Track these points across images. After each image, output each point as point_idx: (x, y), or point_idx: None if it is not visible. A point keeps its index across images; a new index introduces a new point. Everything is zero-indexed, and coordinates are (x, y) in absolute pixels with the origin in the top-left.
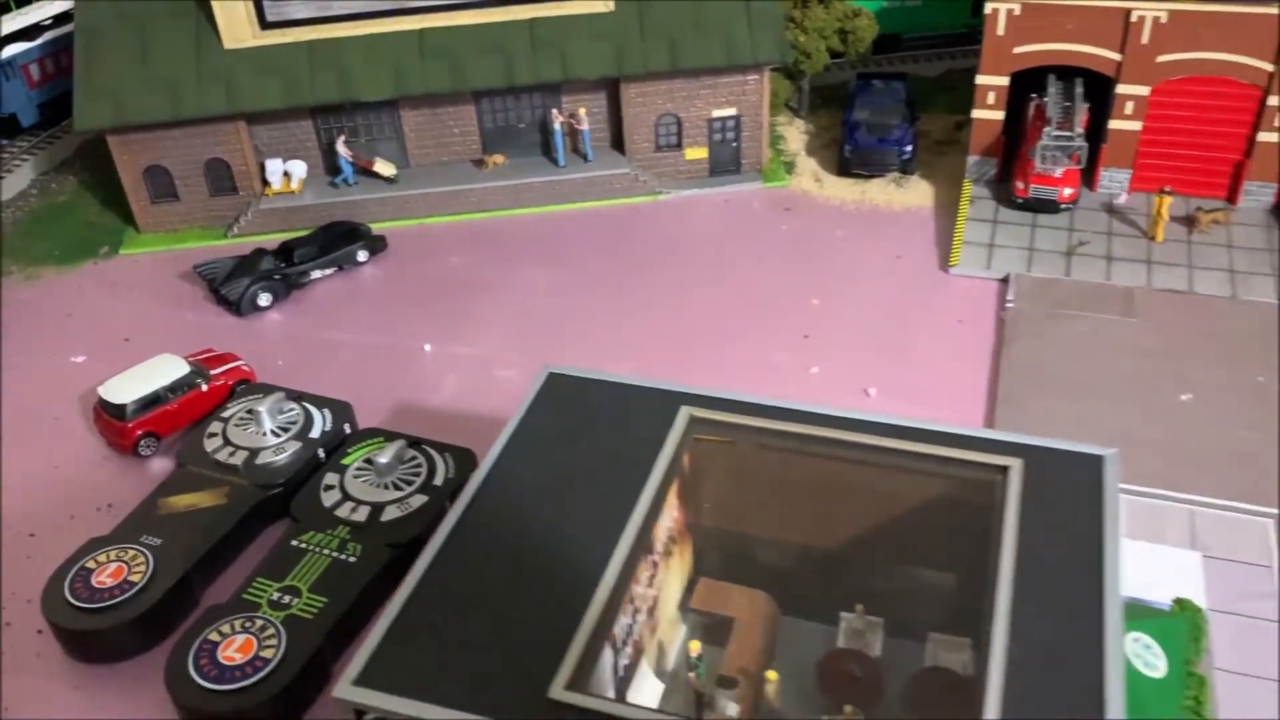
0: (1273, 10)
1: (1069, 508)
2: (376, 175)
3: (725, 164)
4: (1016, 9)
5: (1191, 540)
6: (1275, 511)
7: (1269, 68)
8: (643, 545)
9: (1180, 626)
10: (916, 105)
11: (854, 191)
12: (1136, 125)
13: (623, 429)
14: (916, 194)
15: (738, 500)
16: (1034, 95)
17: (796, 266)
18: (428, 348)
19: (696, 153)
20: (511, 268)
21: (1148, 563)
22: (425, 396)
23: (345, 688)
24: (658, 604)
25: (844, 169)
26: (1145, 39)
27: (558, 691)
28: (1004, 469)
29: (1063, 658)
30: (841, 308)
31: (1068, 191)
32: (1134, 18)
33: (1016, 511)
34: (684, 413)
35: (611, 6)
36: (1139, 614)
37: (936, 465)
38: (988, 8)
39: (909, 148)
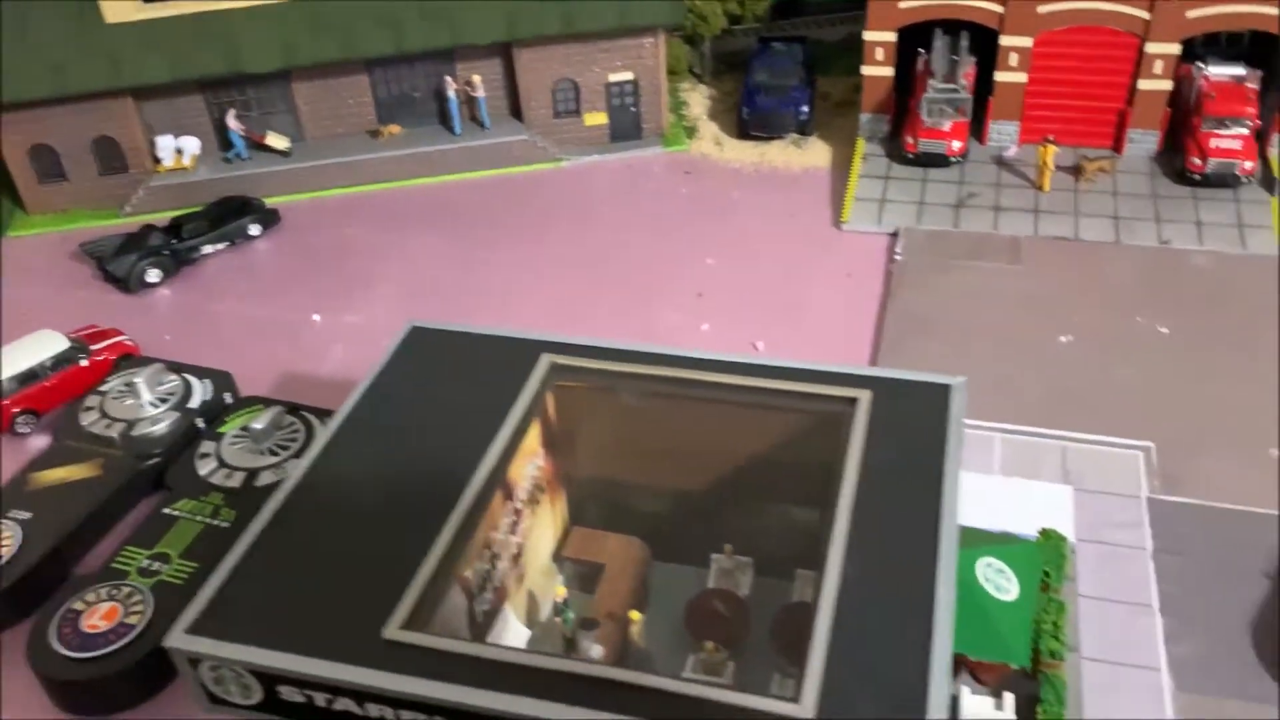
0: None
1: (914, 436)
2: (270, 149)
3: (626, 129)
4: None
5: (1064, 475)
6: (1145, 444)
7: (1145, 15)
8: (494, 489)
9: (1033, 551)
10: (816, 67)
11: (754, 154)
12: (1022, 77)
13: (482, 378)
14: (815, 154)
15: (608, 448)
16: (921, 50)
17: (694, 228)
18: (316, 318)
19: (596, 118)
20: (406, 237)
21: (1020, 498)
22: (312, 365)
23: (177, 635)
24: (525, 552)
25: (743, 132)
26: None
27: (393, 631)
28: (852, 401)
29: (895, 582)
30: (735, 267)
31: (956, 145)
32: None
33: (861, 442)
34: (544, 360)
35: None
36: (994, 541)
37: (792, 401)
38: None
39: (805, 108)
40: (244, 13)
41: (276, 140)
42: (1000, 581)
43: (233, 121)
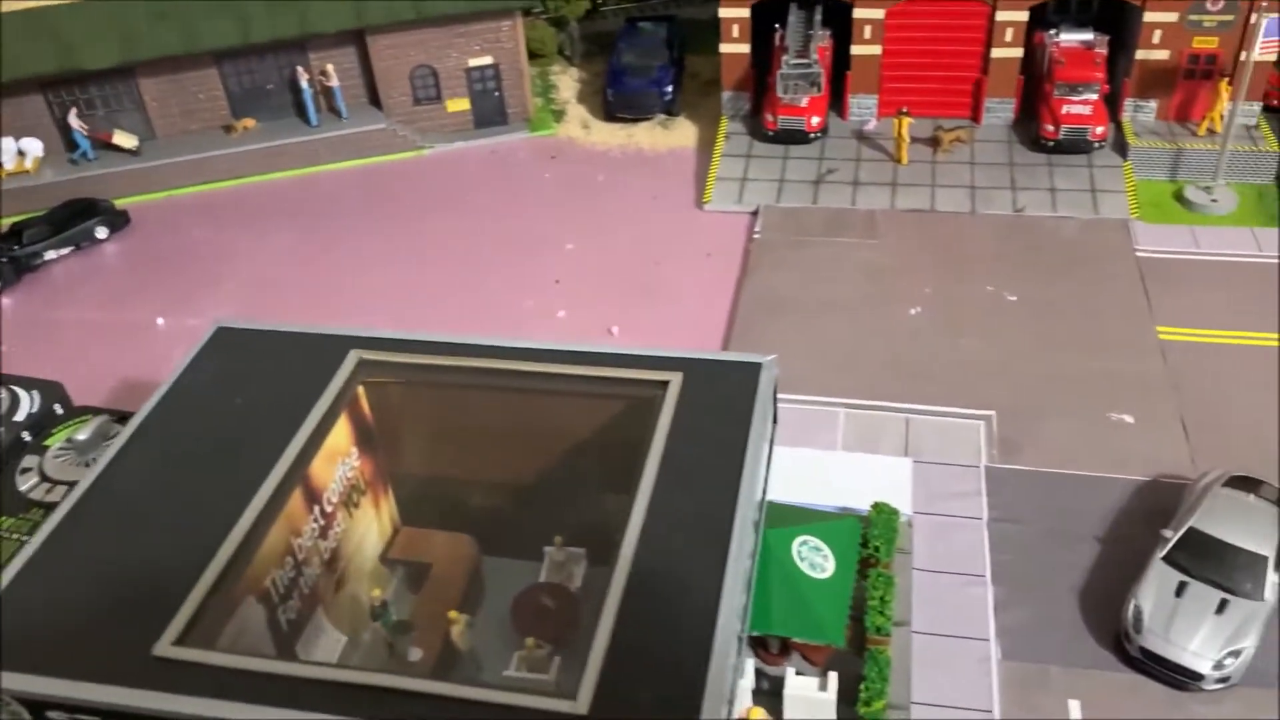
0: None
1: (721, 416)
2: (118, 148)
3: (490, 115)
4: None
5: (905, 447)
6: (987, 413)
7: None
8: (291, 492)
9: (852, 527)
10: (684, 46)
11: (620, 136)
12: (876, 50)
13: (286, 378)
14: (681, 134)
15: (433, 444)
16: (778, 25)
17: (556, 213)
18: (161, 321)
19: (458, 104)
20: (260, 234)
21: (861, 472)
22: (152, 371)
23: None
24: (342, 556)
25: (610, 114)
26: None
27: (164, 648)
28: (664, 384)
29: (686, 568)
30: (595, 251)
31: (815, 120)
32: None
33: (667, 425)
34: (351, 356)
35: None
36: (814, 519)
37: (607, 387)
38: None
39: (669, 88)
40: (77, 7)
41: (124, 139)
42: (816, 559)
43: (75, 121)
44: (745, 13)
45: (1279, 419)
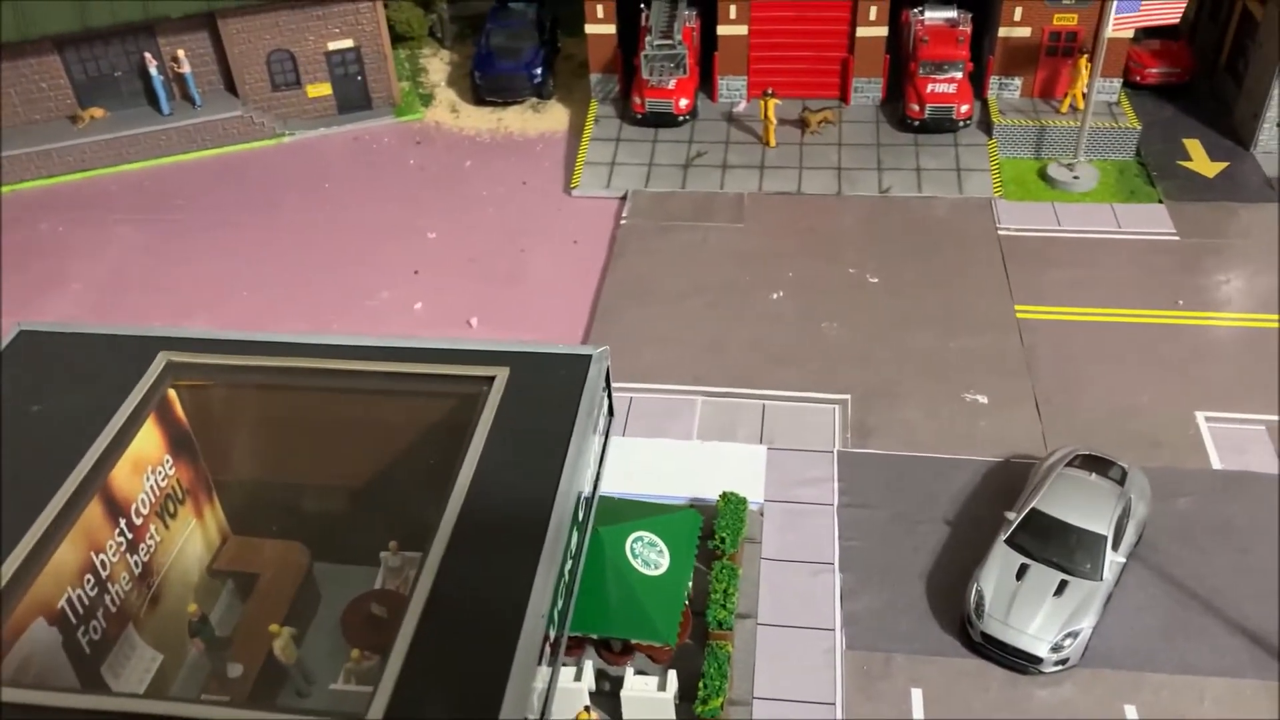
0: None
1: (546, 410)
2: None
3: (354, 99)
4: None
5: (760, 434)
6: (842, 398)
7: None
8: (85, 505)
9: (689, 520)
10: (556, 27)
11: (490, 120)
12: (743, 30)
13: (91, 383)
14: (552, 118)
15: (259, 448)
16: (644, 6)
17: (419, 201)
18: None
19: (319, 89)
20: (107, 228)
21: (714, 461)
22: None
23: None
24: (160, 569)
25: (479, 98)
26: None
27: None
28: (491, 379)
29: (498, 570)
30: (458, 239)
31: (684, 103)
32: None
33: (490, 421)
34: (160, 358)
35: None
36: (650, 513)
37: (433, 384)
38: None
39: (539, 71)
40: None
41: None
42: (651, 556)
43: None
44: None
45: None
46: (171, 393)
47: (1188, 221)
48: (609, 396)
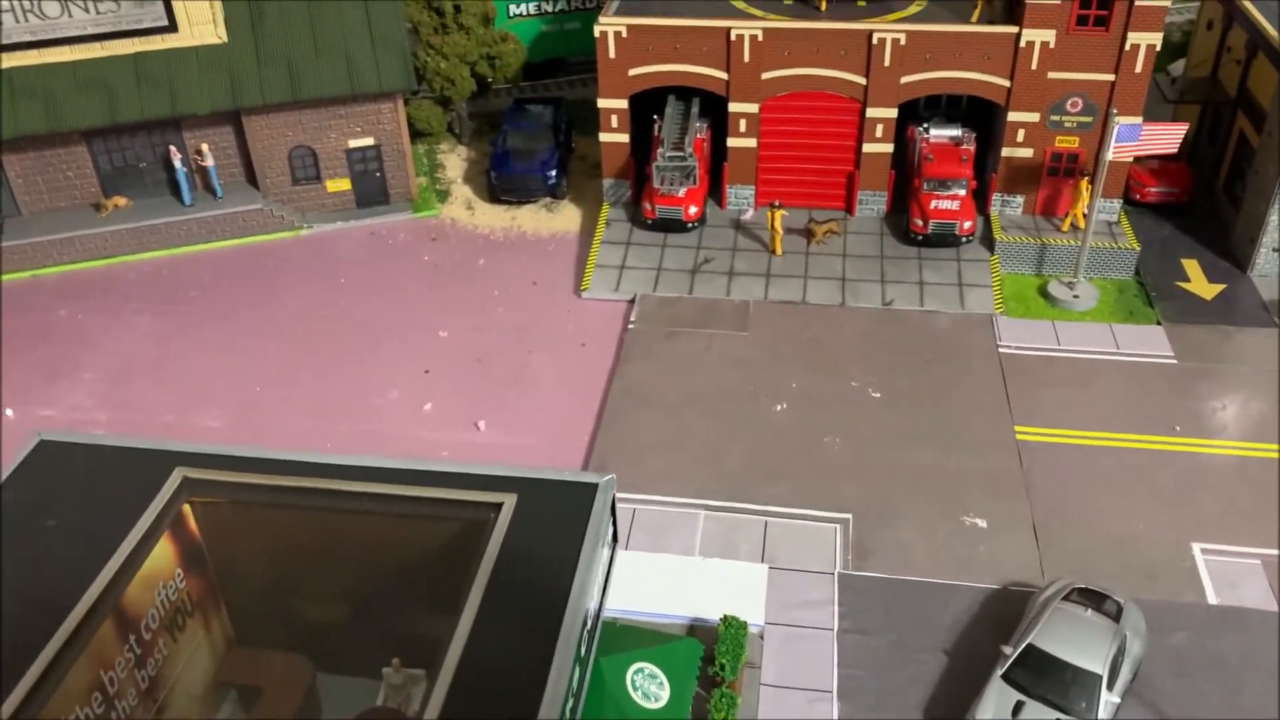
0: (860, 26)
1: (553, 540)
2: None
3: (372, 195)
4: (624, 31)
5: (762, 552)
6: (843, 516)
7: (862, 81)
8: (100, 622)
9: (690, 650)
10: (571, 129)
11: (504, 218)
12: (752, 142)
13: (107, 497)
14: (565, 218)
15: (266, 563)
16: (657, 116)
17: (432, 298)
18: (9, 413)
19: (338, 184)
20: (124, 317)
21: (716, 580)
22: None
23: None
24: (166, 683)
25: (494, 196)
26: (746, 57)
27: None
28: (498, 506)
29: (501, 701)
30: (470, 338)
31: (693, 210)
32: (733, 36)
33: (496, 554)
34: (176, 474)
35: (224, 38)
36: (650, 643)
37: (440, 509)
38: (596, 30)
39: (554, 173)
40: None
41: None
42: (651, 688)
43: None
44: (623, 104)
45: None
46: (186, 507)
47: (1185, 344)
48: (614, 523)
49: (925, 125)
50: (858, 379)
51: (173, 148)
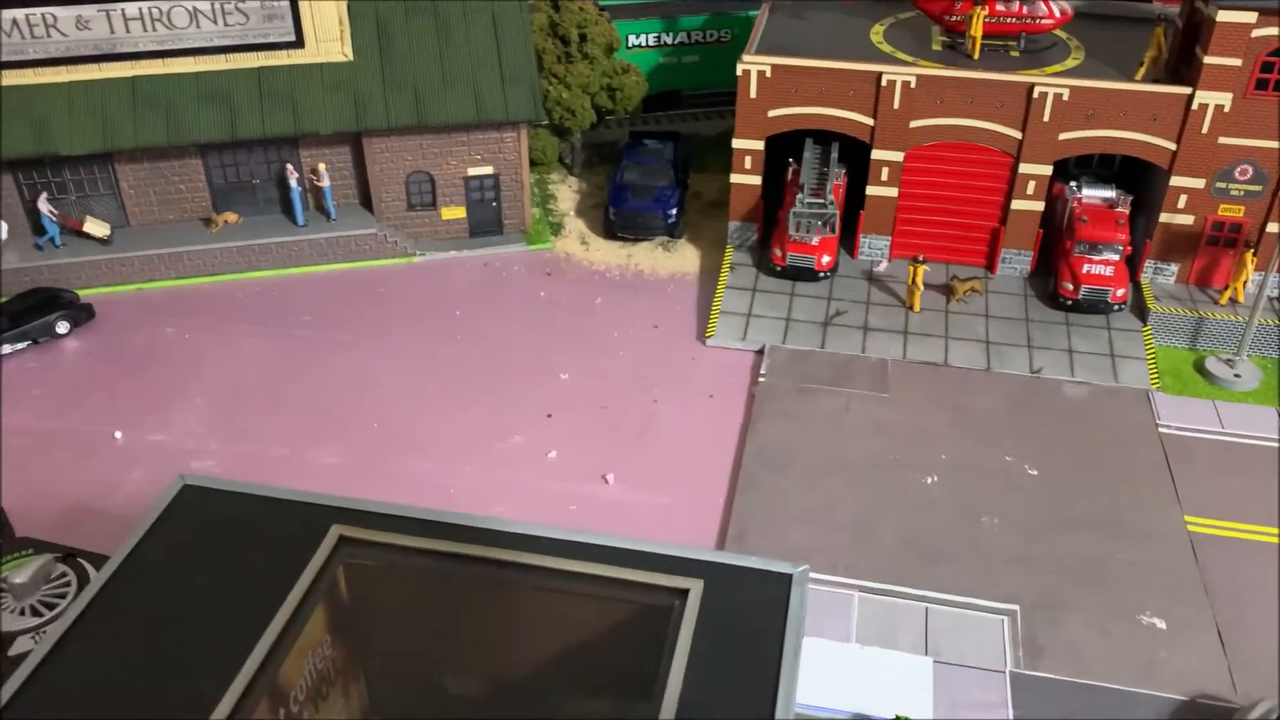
0: (1020, 79)
1: (749, 631)
2: (88, 236)
3: (487, 224)
4: (768, 70)
5: (925, 642)
6: (1010, 608)
7: (1017, 135)
8: (257, 702)
9: None
10: (689, 165)
11: (620, 255)
12: (893, 192)
13: (259, 554)
14: (683, 258)
15: (408, 629)
16: (792, 160)
17: (550, 336)
18: (118, 435)
19: (454, 212)
20: (233, 338)
21: (877, 671)
22: (103, 494)
23: None
24: None
25: (610, 232)
26: (896, 104)
27: None
28: (684, 592)
29: None
30: (591, 382)
31: (825, 259)
32: (884, 82)
33: (690, 639)
34: (333, 533)
35: (350, 56)
36: None
37: (615, 589)
38: (739, 69)
39: (674, 211)
40: (59, 89)
41: (95, 227)
42: None
43: (44, 205)
44: (759, 145)
45: None
46: (340, 570)
47: None
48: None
49: (1075, 184)
50: (1011, 452)
51: (289, 166)
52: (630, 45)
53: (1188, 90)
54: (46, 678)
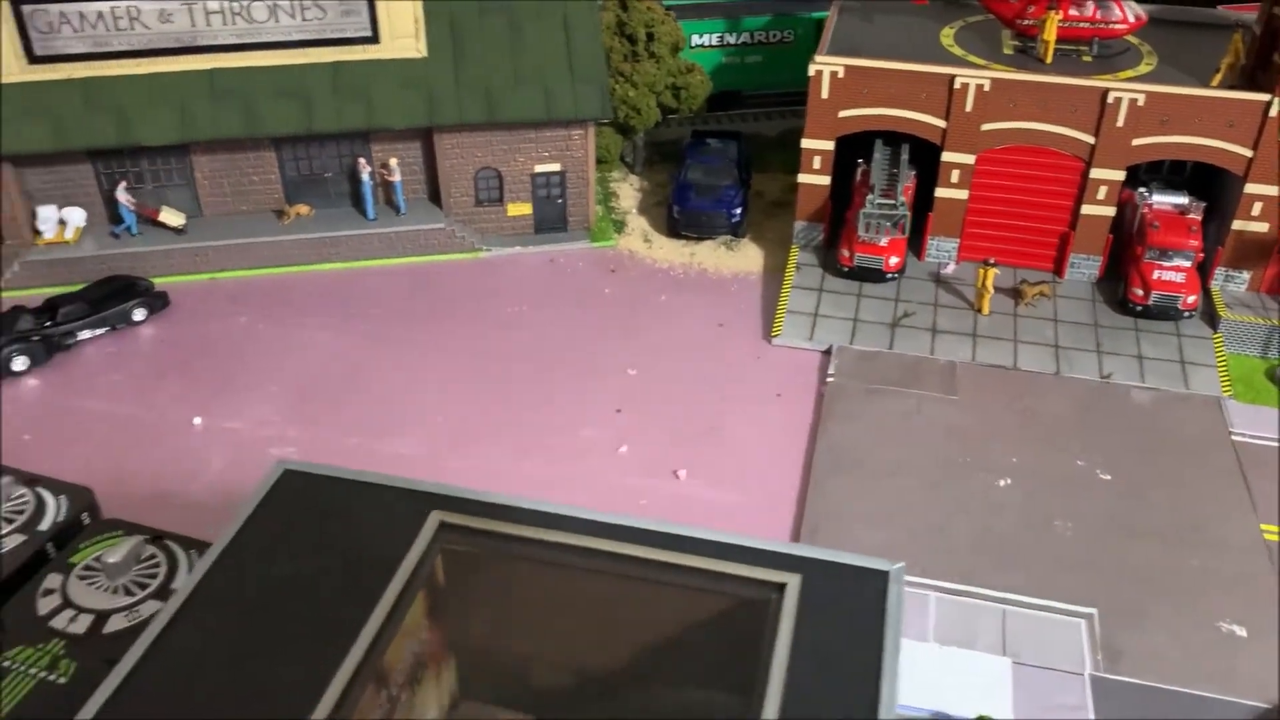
0: (1095, 84)
1: (848, 627)
2: (163, 225)
3: (551, 221)
4: (840, 71)
5: (1003, 643)
6: (1087, 610)
7: (1090, 140)
8: (365, 685)
9: None
10: (751, 165)
11: (683, 253)
12: (963, 194)
13: (361, 537)
14: (746, 258)
15: (502, 616)
16: (861, 160)
17: (616, 333)
18: (198, 421)
19: (520, 208)
20: (306, 329)
21: (956, 671)
22: (184, 480)
23: None
24: None
25: (674, 230)
26: (969, 106)
27: None
28: (781, 586)
29: None
30: (658, 379)
31: (894, 261)
32: (958, 84)
33: (790, 633)
34: (433, 519)
35: (423, 53)
36: None
37: (711, 581)
38: (811, 69)
39: (738, 210)
40: (140, 80)
41: (171, 216)
42: None
43: (123, 194)
44: (829, 145)
45: None
46: (439, 556)
47: None
48: None
49: (1146, 189)
50: (1083, 457)
51: (361, 160)
52: (693, 45)
53: (1266, 97)
54: (160, 656)
